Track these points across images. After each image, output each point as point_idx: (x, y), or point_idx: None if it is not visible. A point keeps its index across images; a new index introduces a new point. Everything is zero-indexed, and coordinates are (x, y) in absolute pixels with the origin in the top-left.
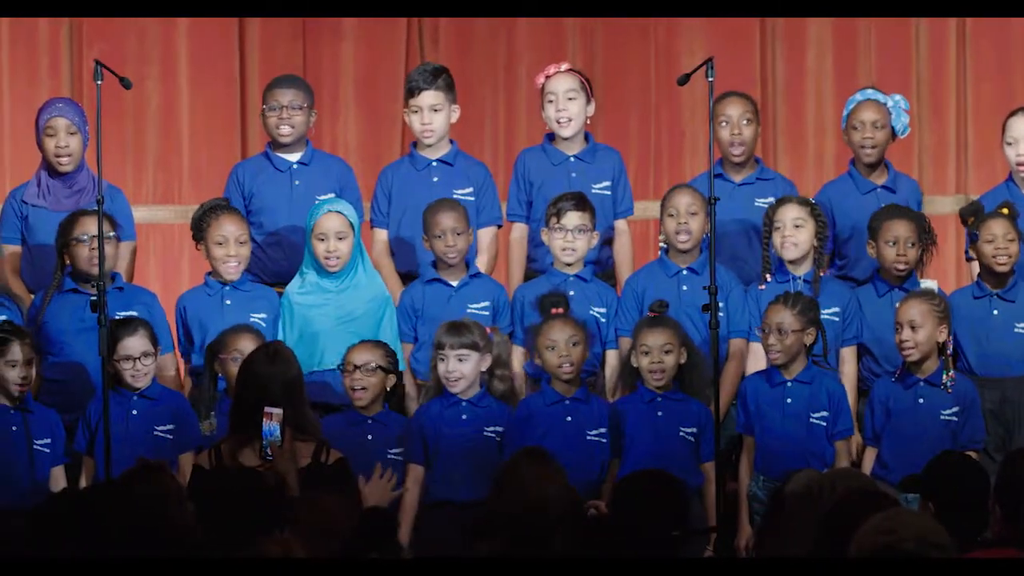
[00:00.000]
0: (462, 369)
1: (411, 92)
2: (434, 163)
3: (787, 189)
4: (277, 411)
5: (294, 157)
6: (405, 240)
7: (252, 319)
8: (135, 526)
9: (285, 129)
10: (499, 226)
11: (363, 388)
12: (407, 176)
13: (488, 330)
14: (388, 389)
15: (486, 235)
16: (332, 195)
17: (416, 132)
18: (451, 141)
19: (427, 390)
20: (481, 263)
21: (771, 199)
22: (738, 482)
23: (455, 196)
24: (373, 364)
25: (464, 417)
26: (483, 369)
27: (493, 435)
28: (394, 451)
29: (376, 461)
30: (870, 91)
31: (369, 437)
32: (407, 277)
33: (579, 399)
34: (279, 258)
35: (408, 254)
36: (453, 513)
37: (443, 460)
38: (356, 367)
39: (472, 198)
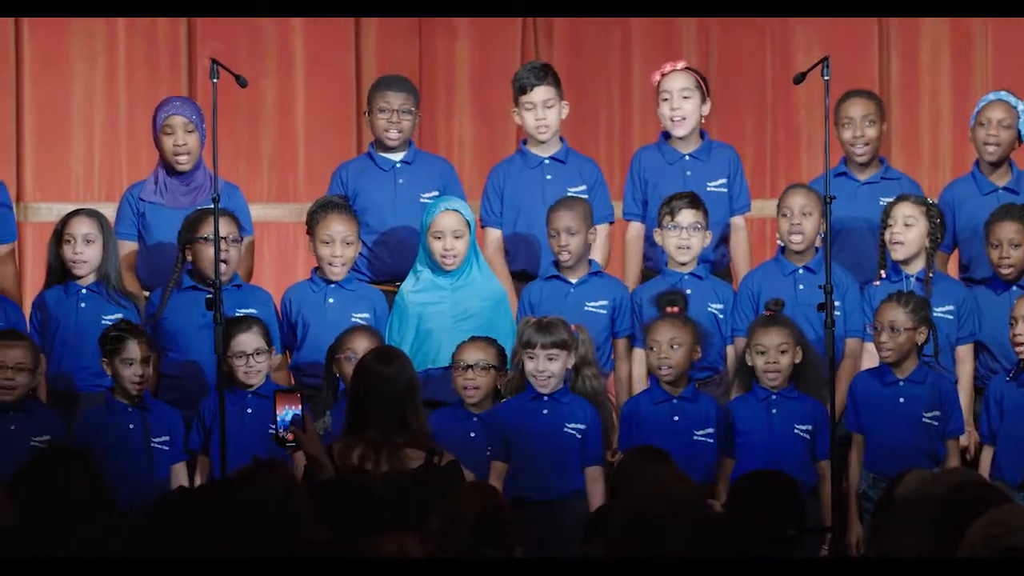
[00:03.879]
0: (551, 368)
1: (522, 89)
2: (547, 161)
3: (912, 189)
4: (295, 394)
5: (397, 156)
6: (520, 238)
7: (353, 319)
8: (259, 524)
9: (394, 133)
10: (611, 223)
11: (475, 387)
12: (519, 175)
13: (573, 328)
14: (499, 387)
15: (600, 232)
16: (436, 193)
17: (530, 128)
18: (561, 139)
19: (507, 386)
20: (595, 260)
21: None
22: (848, 480)
23: (570, 194)
24: (486, 363)
25: (545, 412)
26: (569, 367)
27: (574, 432)
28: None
29: (480, 458)
30: (1003, 93)
31: (472, 435)
32: (524, 276)
33: (686, 398)
34: (385, 257)
35: (524, 253)
36: (529, 511)
37: (520, 457)
38: (469, 366)
39: (584, 196)
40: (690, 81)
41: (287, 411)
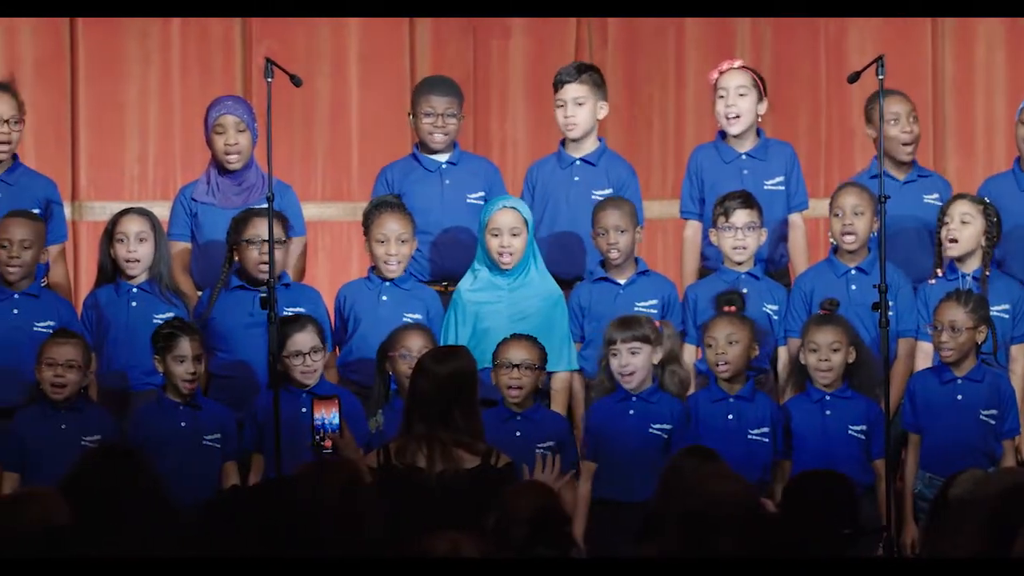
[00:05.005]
0: (635, 362)
1: (556, 87)
2: (577, 162)
3: (943, 186)
4: (332, 399)
5: (443, 158)
6: (543, 237)
7: (406, 318)
8: (320, 523)
9: (439, 136)
10: (640, 227)
11: (519, 387)
12: (551, 173)
13: (658, 323)
14: (540, 386)
15: None
16: (482, 194)
17: (560, 125)
18: (599, 139)
19: (599, 387)
20: None
21: (937, 195)
22: (903, 480)
23: (594, 197)
24: (531, 363)
25: (631, 413)
26: (655, 363)
27: (659, 432)
28: (542, 447)
29: (523, 457)
30: None
31: (517, 434)
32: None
33: (743, 397)
34: (434, 257)
35: (549, 253)
36: (616, 512)
37: (607, 458)
38: (515, 365)
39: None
40: (746, 79)
41: (324, 417)
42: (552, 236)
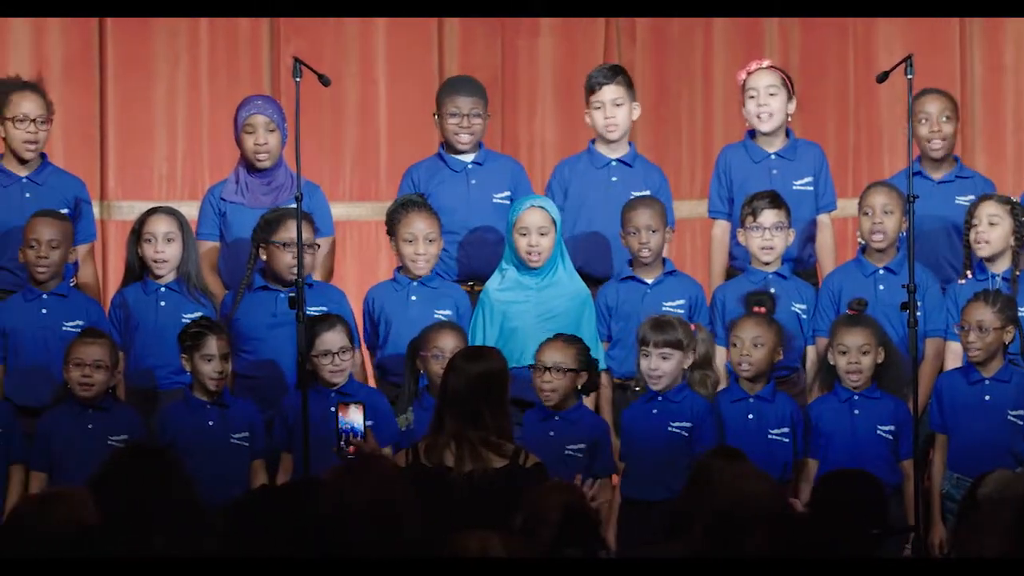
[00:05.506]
0: (664, 367)
1: (591, 89)
2: (614, 163)
3: (986, 188)
4: (356, 405)
5: (468, 158)
6: (580, 237)
7: (436, 316)
8: (362, 522)
9: (465, 136)
10: (672, 230)
11: (552, 389)
12: (586, 173)
13: (692, 327)
14: (579, 387)
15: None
16: (508, 193)
17: (599, 127)
18: (630, 143)
19: (636, 387)
20: None
21: (971, 197)
22: (931, 480)
23: (632, 197)
24: (563, 366)
25: (654, 412)
26: (685, 367)
27: (680, 431)
28: (572, 447)
29: (552, 458)
30: None
31: (551, 434)
32: (581, 275)
33: (763, 397)
34: (460, 257)
35: (583, 251)
36: (642, 511)
37: (632, 457)
38: (547, 368)
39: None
40: (776, 79)
41: (348, 423)
42: (590, 235)
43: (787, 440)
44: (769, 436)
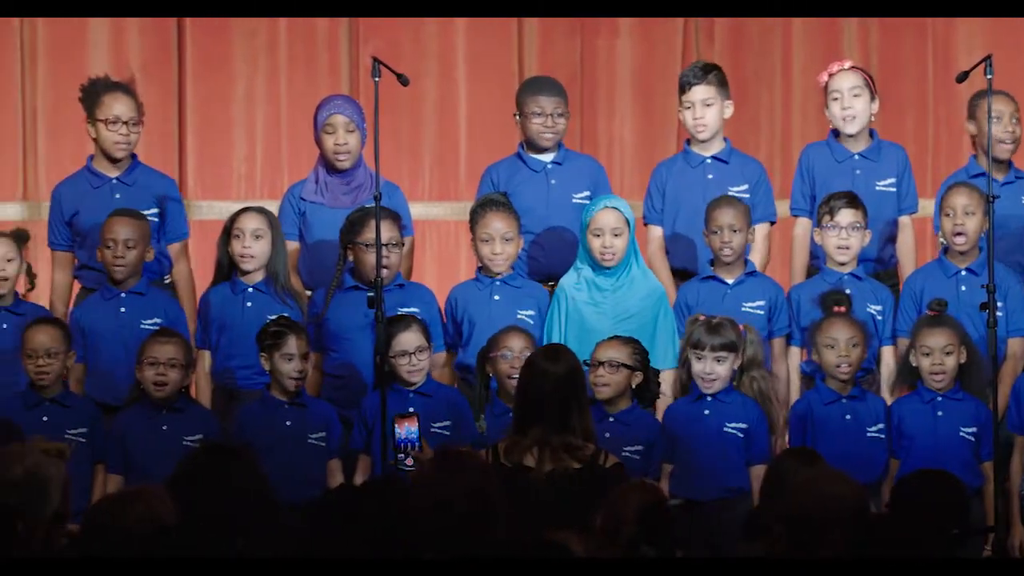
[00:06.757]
0: (719, 371)
1: (683, 88)
2: (709, 160)
3: None
4: (413, 416)
5: (548, 157)
6: (681, 237)
7: (519, 315)
8: (455, 521)
9: (549, 135)
10: (772, 223)
11: (604, 384)
12: (682, 173)
13: (742, 328)
14: (634, 387)
15: (760, 232)
16: (587, 193)
17: (689, 127)
18: (725, 139)
19: (676, 385)
20: (754, 260)
21: None
22: (1009, 482)
23: (730, 194)
24: (616, 361)
25: (706, 413)
26: (735, 368)
27: (735, 431)
28: (629, 449)
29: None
30: None
31: (607, 435)
32: (683, 274)
33: (856, 397)
34: (539, 257)
35: (684, 251)
36: (694, 511)
37: (683, 458)
38: (600, 363)
39: (747, 195)
40: (859, 79)
41: (404, 434)
42: (690, 235)
43: (883, 437)
44: (867, 435)
